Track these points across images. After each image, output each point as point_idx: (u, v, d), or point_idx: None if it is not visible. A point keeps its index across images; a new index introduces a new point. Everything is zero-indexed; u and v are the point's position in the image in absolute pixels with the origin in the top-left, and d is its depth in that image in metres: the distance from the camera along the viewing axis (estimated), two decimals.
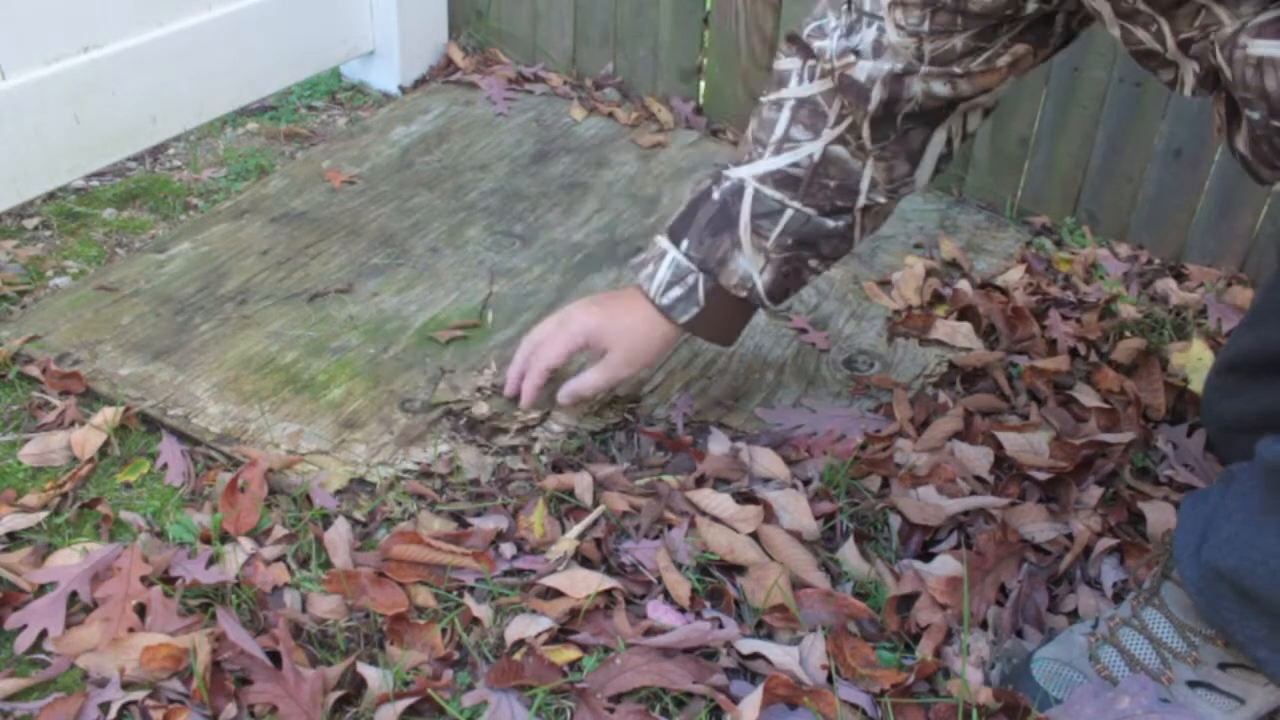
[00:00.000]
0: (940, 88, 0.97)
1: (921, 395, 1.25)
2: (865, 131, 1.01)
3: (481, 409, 1.20)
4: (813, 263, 1.10)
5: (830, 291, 1.46)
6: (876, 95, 0.98)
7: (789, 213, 1.05)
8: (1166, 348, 1.37)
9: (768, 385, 1.29)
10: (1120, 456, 1.17)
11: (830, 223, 1.06)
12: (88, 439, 1.13)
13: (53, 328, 1.29)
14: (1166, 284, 1.51)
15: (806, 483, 1.13)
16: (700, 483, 1.12)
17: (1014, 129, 1.64)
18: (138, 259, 1.44)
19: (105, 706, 0.87)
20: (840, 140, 1.03)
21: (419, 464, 1.13)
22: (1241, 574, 0.81)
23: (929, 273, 1.49)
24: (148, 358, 1.25)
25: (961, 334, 1.37)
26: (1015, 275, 1.49)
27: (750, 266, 1.08)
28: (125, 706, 0.87)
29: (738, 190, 1.07)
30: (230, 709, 0.87)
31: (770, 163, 1.05)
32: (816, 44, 1.01)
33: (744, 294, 1.09)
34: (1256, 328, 1.01)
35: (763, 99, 1.07)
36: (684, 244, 1.09)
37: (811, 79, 1.02)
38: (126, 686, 0.89)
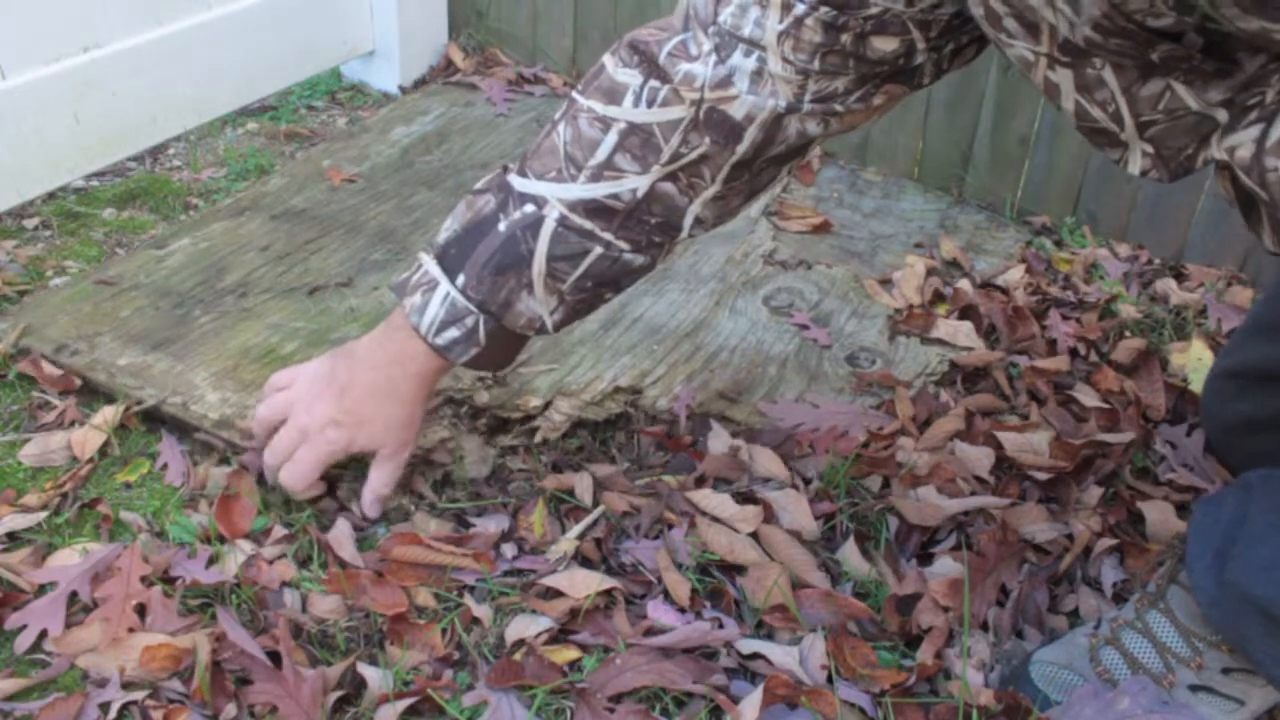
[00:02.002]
0: (814, 128, 0.88)
1: (923, 394, 1.25)
2: (722, 174, 0.91)
3: (483, 397, 1.19)
4: (609, 296, 1.00)
5: (831, 289, 1.46)
6: (750, 137, 0.88)
7: (595, 253, 0.93)
8: (1166, 348, 1.37)
9: (770, 380, 1.28)
10: (1120, 456, 1.17)
11: (639, 260, 0.95)
12: (87, 439, 1.13)
13: (50, 320, 1.29)
14: (1166, 284, 1.51)
15: (807, 482, 1.13)
16: (700, 483, 1.12)
17: (1014, 129, 1.64)
18: (137, 254, 1.44)
19: (105, 706, 0.87)
20: (671, 177, 0.91)
21: (421, 449, 1.12)
22: (1276, 606, 0.80)
23: (929, 272, 1.49)
24: (146, 349, 1.25)
25: (963, 333, 1.37)
26: (1016, 275, 1.49)
27: (541, 308, 0.96)
28: (125, 706, 0.87)
29: (533, 223, 0.92)
30: (230, 709, 0.87)
31: (585, 189, 0.91)
32: (681, 66, 0.87)
33: (531, 333, 0.99)
34: (1261, 340, 1.00)
35: (582, 101, 0.92)
36: (460, 279, 0.94)
37: (651, 104, 0.88)
38: (126, 686, 0.89)
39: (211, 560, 1.00)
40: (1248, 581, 0.82)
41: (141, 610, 0.95)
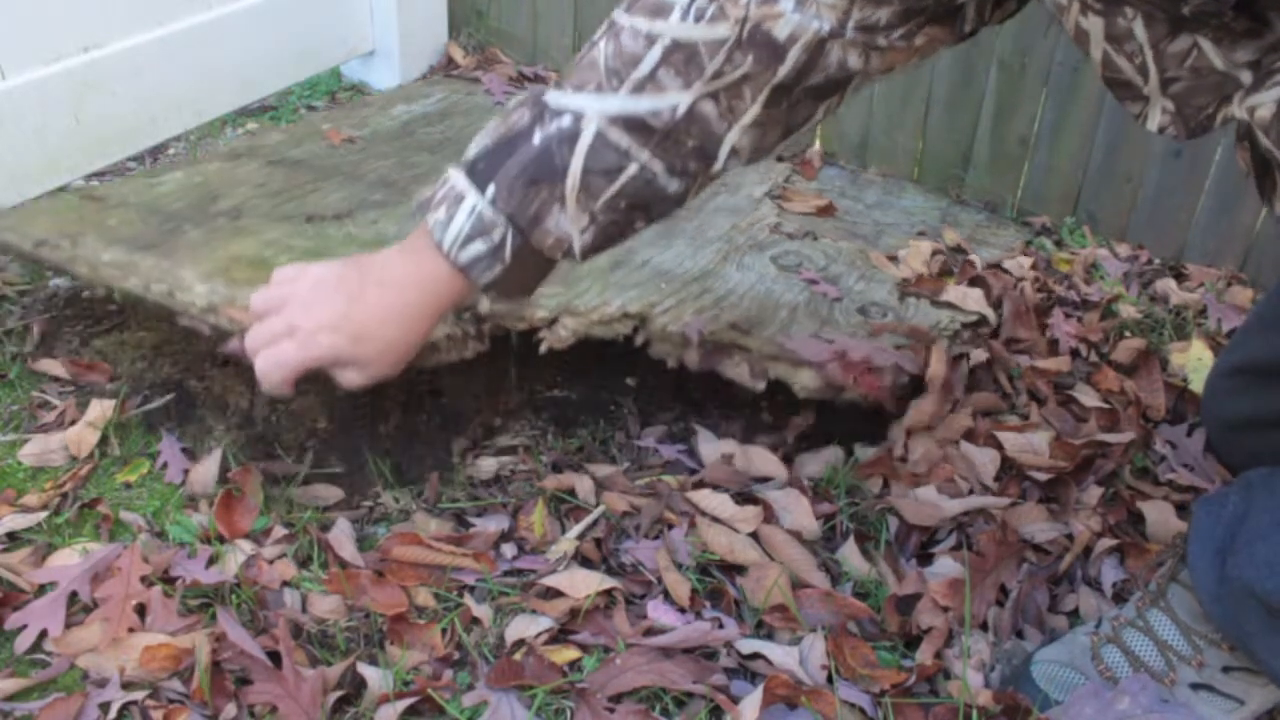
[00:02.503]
0: (854, 60, 0.87)
1: (951, 357, 1.23)
2: (762, 96, 0.89)
3: (484, 305, 1.13)
4: (639, 224, 0.95)
5: (838, 257, 1.44)
6: (792, 60, 0.86)
7: (630, 171, 0.90)
8: (1166, 348, 1.37)
9: (781, 321, 1.24)
10: (1120, 456, 1.17)
11: (673, 185, 0.92)
12: (83, 437, 1.13)
13: (30, 221, 1.24)
14: (1166, 284, 1.51)
15: (805, 480, 1.13)
16: (699, 483, 1.12)
17: (1014, 129, 1.64)
18: (129, 181, 1.39)
19: (105, 706, 0.87)
20: (712, 97, 0.88)
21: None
22: (1278, 600, 0.80)
23: (935, 252, 1.50)
24: (132, 249, 1.19)
25: (973, 299, 1.36)
26: (1025, 263, 1.51)
27: (571, 226, 0.91)
28: (125, 706, 0.87)
29: (570, 136, 0.89)
30: (230, 709, 0.87)
31: (626, 102, 0.88)
32: None
33: (557, 256, 0.94)
34: (1262, 335, 1.00)
35: (624, 19, 0.90)
36: (490, 190, 0.90)
37: (699, 19, 0.86)
38: (126, 686, 0.89)
39: (211, 560, 1.00)
40: (1250, 576, 0.82)
41: (141, 610, 0.95)
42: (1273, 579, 0.81)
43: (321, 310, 0.95)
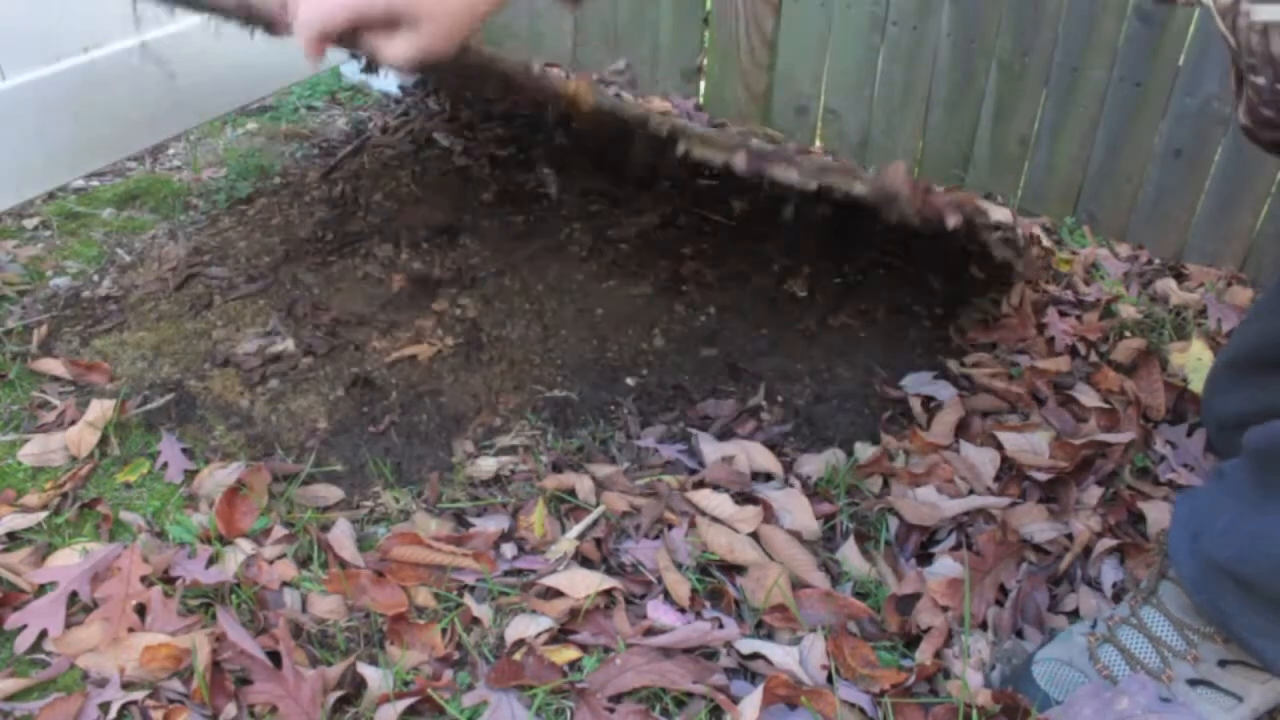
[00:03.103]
0: None
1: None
2: None
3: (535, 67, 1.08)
4: None
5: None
6: None
7: None
8: (1166, 348, 1.37)
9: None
10: (1120, 456, 1.17)
11: None
12: (83, 437, 1.13)
13: None
14: (1166, 284, 1.51)
15: (805, 481, 1.13)
16: (699, 483, 1.12)
17: (1014, 129, 1.64)
18: None
19: (105, 706, 0.87)
20: None
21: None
22: (1240, 564, 0.82)
23: None
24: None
25: (996, 212, 1.35)
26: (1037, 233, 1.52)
27: None
28: (125, 706, 0.88)
29: None
30: (230, 709, 0.87)
31: None
32: None
33: None
34: (1258, 323, 1.01)
35: None
36: None
37: None
38: (126, 686, 0.89)
39: (211, 560, 1.00)
40: (1212, 550, 0.84)
41: (141, 610, 0.95)
42: (1229, 547, 0.83)
43: None
